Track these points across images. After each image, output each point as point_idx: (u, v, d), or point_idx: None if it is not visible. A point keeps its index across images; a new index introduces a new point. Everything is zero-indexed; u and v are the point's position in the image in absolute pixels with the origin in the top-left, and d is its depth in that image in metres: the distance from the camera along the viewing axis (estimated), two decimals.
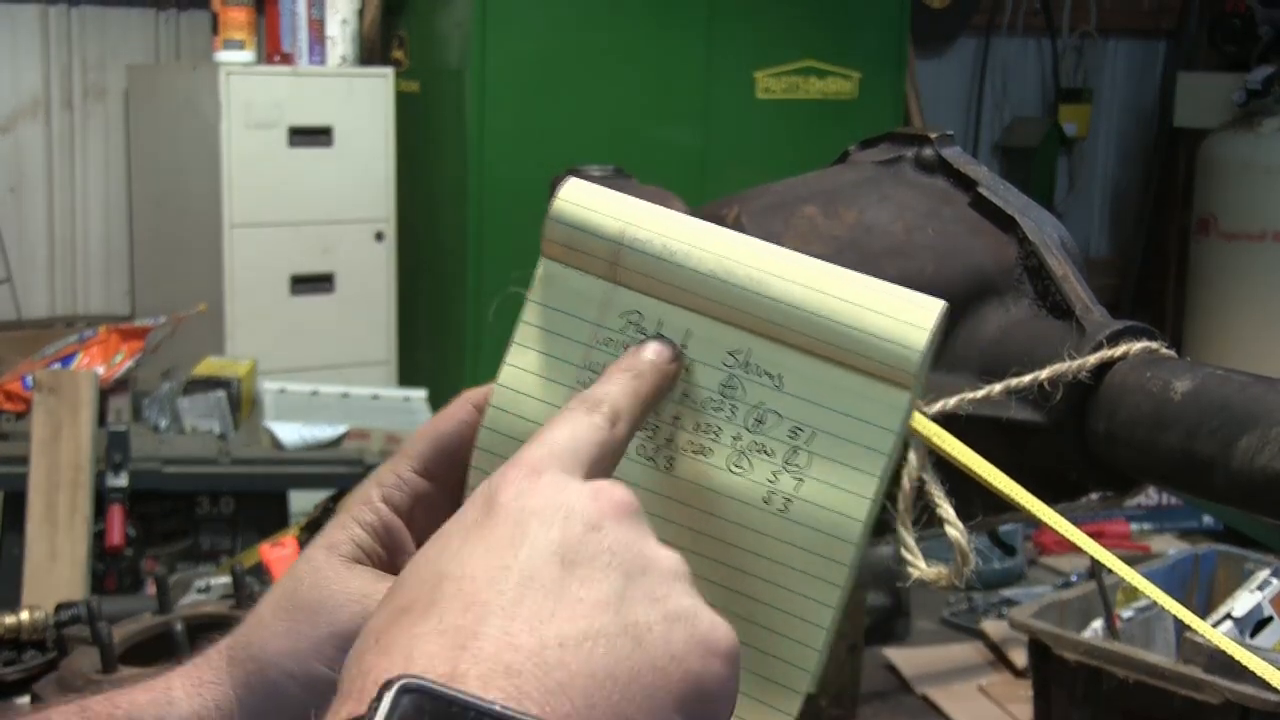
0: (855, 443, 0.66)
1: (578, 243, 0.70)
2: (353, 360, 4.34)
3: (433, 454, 0.72)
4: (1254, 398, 1.00)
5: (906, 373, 0.66)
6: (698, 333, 0.68)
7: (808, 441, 0.66)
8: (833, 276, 0.67)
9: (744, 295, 0.67)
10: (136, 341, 3.45)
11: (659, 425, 0.68)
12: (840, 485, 0.66)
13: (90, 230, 4.65)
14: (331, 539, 0.70)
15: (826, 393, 0.66)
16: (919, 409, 1.16)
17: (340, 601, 0.67)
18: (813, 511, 0.66)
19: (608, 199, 0.70)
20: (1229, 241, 5.34)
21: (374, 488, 0.72)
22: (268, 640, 0.68)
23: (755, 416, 0.67)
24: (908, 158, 1.33)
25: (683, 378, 0.68)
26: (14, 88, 4.47)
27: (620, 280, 0.69)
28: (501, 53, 4.26)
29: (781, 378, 0.67)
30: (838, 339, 0.66)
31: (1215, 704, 2.14)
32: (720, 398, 0.68)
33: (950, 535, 1.14)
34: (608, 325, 0.69)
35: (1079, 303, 1.18)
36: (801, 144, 4.68)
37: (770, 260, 0.68)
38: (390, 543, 0.71)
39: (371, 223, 4.36)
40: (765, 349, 0.67)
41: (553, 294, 0.70)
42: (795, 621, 0.67)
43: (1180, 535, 4.11)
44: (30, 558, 2.80)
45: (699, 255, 0.68)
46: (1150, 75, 6.43)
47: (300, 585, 0.69)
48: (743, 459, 0.67)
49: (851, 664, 2.80)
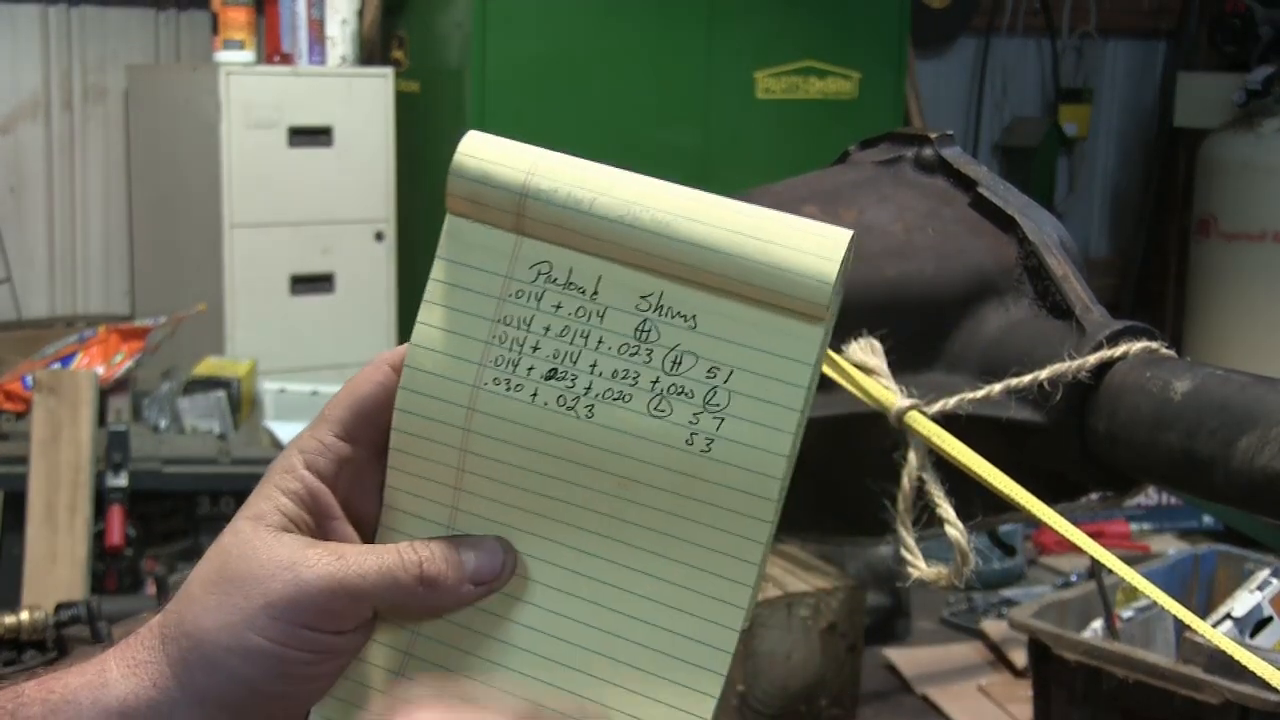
0: (772, 378, 0.66)
1: (481, 196, 0.70)
2: (353, 360, 4.33)
3: (353, 418, 0.72)
4: (1254, 398, 1.00)
5: (818, 304, 0.65)
6: (608, 279, 0.68)
7: (726, 380, 0.67)
8: (740, 214, 0.67)
9: (652, 239, 0.67)
10: (136, 341, 3.45)
11: (577, 375, 0.68)
12: (761, 421, 0.66)
13: (90, 230, 4.65)
14: (257, 509, 0.70)
15: (740, 330, 0.66)
16: (919, 409, 1.16)
17: (270, 571, 0.67)
18: (735, 450, 0.66)
19: (509, 150, 0.71)
20: (1229, 241, 5.34)
21: (296, 455, 0.71)
22: (199, 615, 0.67)
23: (672, 359, 0.67)
24: (908, 158, 1.33)
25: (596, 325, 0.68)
26: (14, 88, 4.47)
27: (527, 231, 0.69)
28: (501, 53, 4.26)
29: (695, 318, 0.67)
30: (747, 276, 0.66)
31: (1215, 704, 2.14)
32: (636, 342, 0.68)
33: (950, 535, 1.14)
34: (518, 277, 0.69)
35: (1079, 303, 1.18)
36: (801, 144, 4.68)
37: (676, 201, 0.67)
38: (316, 509, 0.70)
39: (371, 223, 4.36)
40: (677, 291, 0.67)
41: (460, 249, 0.70)
42: (727, 560, 0.67)
43: (1180, 535, 4.11)
44: (30, 558, 2.80)
45: (604, 202, 0.68)
46: (1150, 75, 6.43)
47: (229, 558, 0.68)
48: (662, 402, 0.67)
49: (851, 664, 2.79)
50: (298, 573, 0.66)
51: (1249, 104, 5.37)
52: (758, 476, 0.66)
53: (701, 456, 0.67)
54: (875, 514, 1.22)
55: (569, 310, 0.68)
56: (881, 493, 1.20)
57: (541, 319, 0.69)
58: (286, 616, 0.66)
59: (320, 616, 0.66)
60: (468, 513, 0.70)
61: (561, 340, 0.68)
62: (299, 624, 0.66)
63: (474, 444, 0.70)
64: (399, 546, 0.69)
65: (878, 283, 1.24)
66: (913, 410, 1.15)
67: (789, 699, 2.73)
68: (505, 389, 0.69)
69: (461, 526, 0.71)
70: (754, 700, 2.70)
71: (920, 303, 1.23)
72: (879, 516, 1.21)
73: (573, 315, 0.68)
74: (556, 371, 0.68)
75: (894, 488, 1.18)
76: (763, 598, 2.70)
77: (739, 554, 0.67)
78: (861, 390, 1.18)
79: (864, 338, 1.20)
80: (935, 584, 1.18)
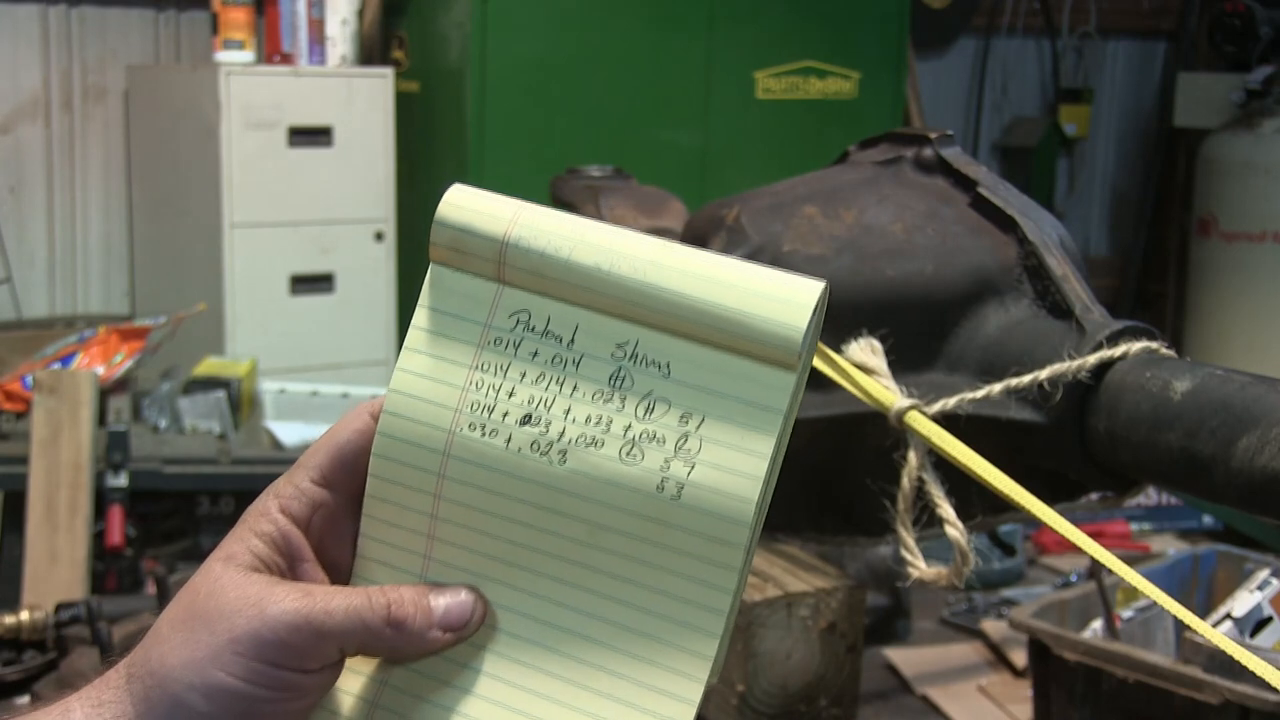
0: (744, 425, 0.67)
1: (463, 245, 0.71)
2: (353, 360, 4.34)
3: (330, 464, 0.72)
4: (1254, 398, 1.00)
5: (790, 353, 0.66)
6: (585, 327, 0.69)
7: (698, 427, 0.67)
8: (714, 264, 0.68)
9: (627, 288, 0.68)
10: (136, 341, 3.45)
11: (551, 420, 0.69)
12: (731, 468, 0.67)
13: (90, 230, 4.65)
14: (229, 551, 0.70)
15: (713, 377, 0.67)
16: (919, 409, 1.16)
17: (237, 608, 0.66)
18: (706, 496, 0.67)
19: (490, 201, 0.71)
20: (1229, 241, 5.34)
21: (271, 499, 0.71)
22: (166, 653, 0.67)
23: (645, 405, 0.68)
24: (907, 158, 1.33)
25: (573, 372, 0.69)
26: (14, 88, 4.47)
27: (507, 280, 0.70)
28: (501, 53, 4.26)
29: (669, 365, 0.68)
30: (721, 324, 0.67)
31: (1215, 704, 2.14)
32: (610, 389, 0.68)
33: (950, 535, 1.14)
34: (497, 325, 0.70)
35: (1079, 303, 1.18)
36: (801, 144, 4.68)
37: (652, 252, 0.68)
38: (289, 552, 0.70)
39: (371, 223, 4.36)
40: (652, 339, 0.68)
41: (441, 297, 0.71)
42: (694, 609, 0.67)
43: (1180, 535, 4.11)
44: (30, 558, 2.80)
45: (582, 251, 0.69)
46: (1150, 75, 6.43)
47: (197, 597, 0.68)
48: (634, 448, 0.68)
49: (851, 664, 2.79)
50: (264, 608, 0.66)
51: (1249, 104, 5.37)
52: (727, 523, 0.66)
53: (672, 503, 0.67)
54: (875, 514, 1.22)
55: (546, 357, 0.69)
56: (881, 493, 1.20)
57: (519, 366, 0.70)
58: (252, 653, 0.66)
59: (286, 653, 0.66)
60: (440, 561, 0.71)
61: (537, 387, 0.69)
62: (264, 660, 0.66)
63: (449, 490, 0.70)
64: (369, 589, 0.69)
65: (878, 283, 1.24)
66: (913, 410, 1.15)
67: (789, 699, 2.73)
68: (481, 434, 0.70)
69: (434, 575, 0.71)
70: (753, 700, 2.70)
71: (920, 303, 1.23)
72: (879, 516, 1.21)
73: (549, 362, 0.69)
74: (531, 417, 0.69)
75: (894, 488, 1.18)
76: (763, 598, 2.70)
77: (707, 602, 0.67)
78: (861, 390, 1.18)
79: (864, 338, 1.20)
80: (935, 584, 1.18)
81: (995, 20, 6.00)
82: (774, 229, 1.29)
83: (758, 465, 0.66)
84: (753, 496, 0.66)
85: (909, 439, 1.17)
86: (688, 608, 0.67)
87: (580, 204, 1.86)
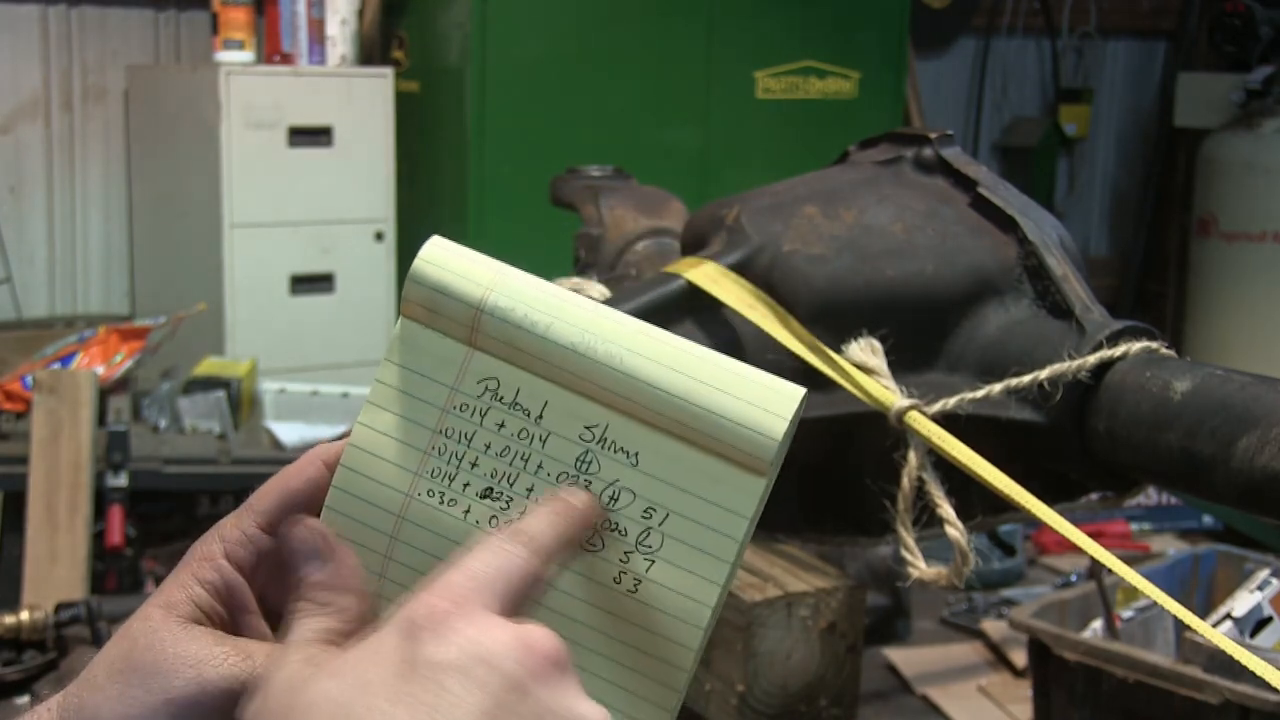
0: (708, 527, 0.65)
1: (438, 305, 0.69)
2: (353, 360, 4.34)
3: (279, 510, 0.70)
4: (1254, 398, 1.00)
5: (762, 460, 0.65)
6: (555, 404, 0.67)
7: (661, 522, 0.66)
8: (695, 358, 0.66)
9: (603, 371, 0.66)
10: (136, 341, 3.45)
11: (513, 497, 0.67)
12: (691, 569, 0.65)
13: (90, 230, 4.65)
14: (170, 598, 0.68)
15: (682, 474, 0.66)
16: (919, 409, 1.16)
17: (175, 667, 0.65)
18: (662, 594, 0.66)
19: (470, 262, 0.69)
20: (1229, 241, 5.34)
21: (217, 543, 0.70)
22: (100, 704, 0.66)
23: (610, 494, 0.66)
24: (907, 158, 1.33)
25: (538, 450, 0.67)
26: (14, 88, 4.47)
27: (479, 346, 0.68)
28: (501, 53, 4.26)
29: (638, 455, 0.66)
30: (695, 421, 0.65)
31: (1215, 704, 2.14)
32: (575, 472, 0.67)
33: (950, 535, 1.14)
34: (464, 390, 0.68)
35: (1079, 303, 1.18)
36: (801, 144, 4.68)
37: (632, 337, 0.67)
38: (232, 602, 0.69)
39: (371, 223, 4.36)
40: (623, 426, 0.67)
41: (410, 355, 0.69)
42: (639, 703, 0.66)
43: (1180, 535, 4.11)
44: (30, 558, 2.80)
45: (560, 328, 0.67)
46: (1150, 75, 6.43)
47: (135, 646, 0.66)
48: (595, 536, 0.66)
49: (851, 664, 2.79)
50: (201, 671, 0.65)
51: (1249, 104, 5.37)
52: (681, 624, 0.65)
53: (627, 596, 0.66)
54: (875, 514, 1.22)
55: (512, 430, 0.68)
56: (881, 493, 1.20)
57: (483, 436, 0.68)
58: (187, 715, 0.65)
59: (221, 717, 0.65)
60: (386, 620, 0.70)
61: (501, 460, 0.68)
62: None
63: (399, 552, 0.69)
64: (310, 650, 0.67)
65: (878, 283, 1.24)
66: (913, 410, 1.15)
67: (789, 699, 2.73)
68: (439, 502, 0.68)
69: None
70: (754, 700, 2.70)
71: (920, 303, 1.23)
72: (879, 516, 1.21)
73: (515, 436, 0.68)
74: (492, 491, 0.68)
75: (894, 488, 1.18)
76: (763, 598, 2.70)
77: (654, 699, 0.66)
78: (861, 390, 1.18)
79: (864, 338, 1.20)
80: (935, 584, 1.18)
81: (995, 20, 6.00)
82: (774, 229, 1.29)
83: (718, 570, 0.65)
84: (710, 601, 0.65)
85: (909, 439, 1.17)
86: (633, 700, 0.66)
87: (580, 204, 1.85)
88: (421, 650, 0.56)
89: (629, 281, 1.55)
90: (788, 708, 2.73)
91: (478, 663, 0.55)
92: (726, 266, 1.28)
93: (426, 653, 0.56)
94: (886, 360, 1.20)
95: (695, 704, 2.79)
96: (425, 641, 0.56)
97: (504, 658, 0.56)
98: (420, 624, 0.57)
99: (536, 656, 0.57)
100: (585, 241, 1.78)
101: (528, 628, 0.58)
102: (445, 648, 0.56)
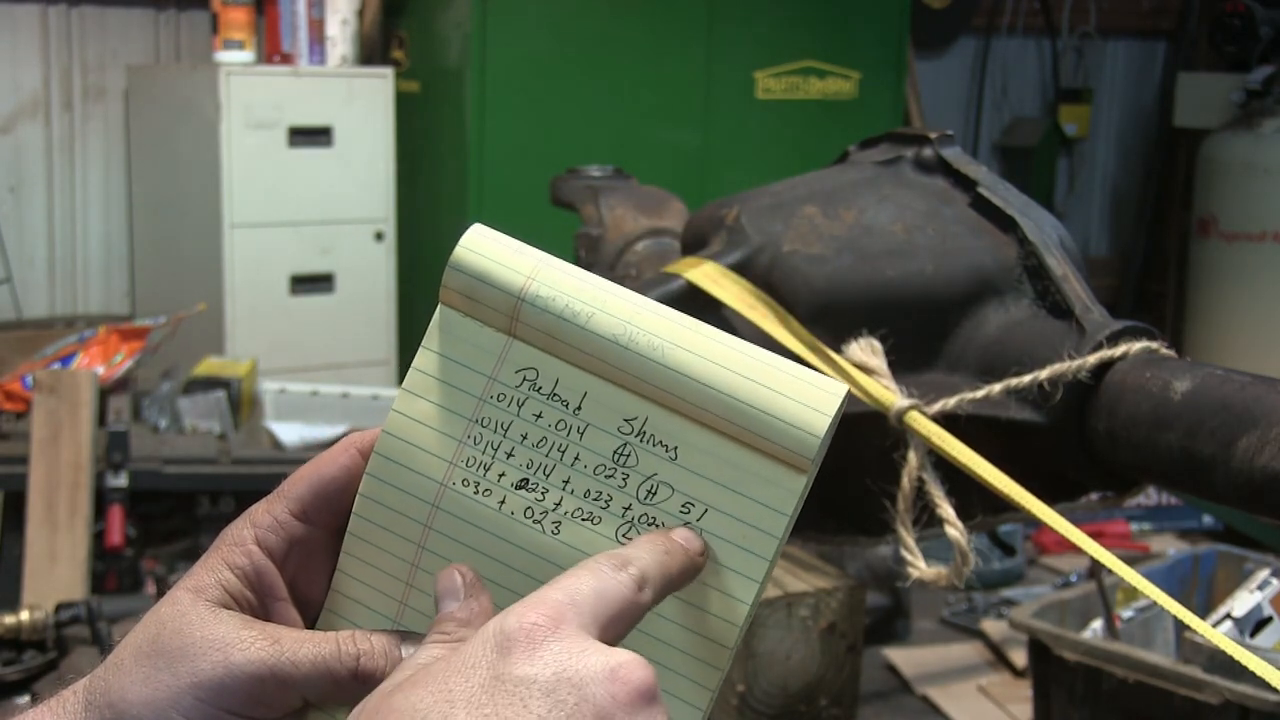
0: (747, 523, 0.65)
1: (478, 294, 0.68)
2: (353, 360, 4.34)
3: (312, 498, 0.70)
4: (1254, 398, 1.00)
5: (804, 457, 0.64)
6: (593, 396, 0.67)
7: (699, 518, 0.65)
8: (736, 353, 0.65)
9: (644, 364, 0.65)
10: (136, 341, 3.45)
11: (549, 488, 0.67)
12: (729, 566, 0.65)
13: (90, 230, 4.65)
14: (199, 582, 0.68)
15: (722, 469, 0.65)
16: (919, 409, 1.16)
17: (202, 650, 0.65)
18: (699, 591, 0.65)
19: (510, 250, 0.69)
20: (1229, 241, 5.34)
21: (248, 528, 0.69)
22: (126, 687, 0.66)
23: (648, 488, 0.66)
24: (907, 158, 1.33)
25: (576, 441, 0.67)
26: (14, 88, 4.47)
27: (519, 335, 0.68)
28: (501, 53, 4.26)
29: (677, 450, 0.66)
30: (737, 416, 0.65)
31: (1215, 704, 2.14)
32: (613, 465, 0.66)
33: (950, 535, 1.14)
34: (502, 380, 0.68)
35: (1079, 303, 1.18)
36: (801, 144, 4.68)
37: (675, 330, 0.66)
38: (261, 588, 0.69)
39: (371, 223, 4.36)
40: (662, 419, 0.66)
41: (449, 343, 0.69)
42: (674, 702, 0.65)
43: (1180, 535, 4.11)
44: (30, 558, 2.80)
45: (601, 319, 0.66)
46: (1150, 75, 6.43)
47: (163, 630, 0.66)
48: (632, 530, 0.66)
49: (851, 664, 2.79)
50: (229, 654, 0.64)
51: (1249, 104, 5.37)
52: (718, 621, 0.65)
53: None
54: (875, 514, 1.22)
55: (549, 422, 0.67)
56: (881, 493, 1.20)
57: (520, 426, 0.67)
58: (213, 699, 0.64)
59: (247, 702, 0.64)
60: (416, 610, 0.69)
61: (538, 451, 0.67)
62: (225, 708, 0.64)
63: (433, 542, 0.68)
64: (339, 636, 0.66)
65: (878, 283, 1.24)
66: (913, 410, 1.15)
67: (789, 699, 2.73)
68: (474, 491, 0.67)
69: (408, 622, 0.69)
70: (754, 700, 2.70)
71: (920, 303, 1.23)
72: (879, 516, 1.21)
73: (552, 428, 0.67)
74: (528, 482, 0.67)
75: (894, 488, 1.18)
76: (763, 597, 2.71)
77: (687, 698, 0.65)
78: (861, 390, 1.18)
79: (864, 338, 1.21)
80: (935, 584, 1.18)
81: (995, 20, 6.00)
82: (774, 229, 1.29)
83: (756, 567, 0.64)
84: (748, 598, 0.65)
85: (909, 439, 1.17)
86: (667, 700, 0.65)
87: (580, 204, 1.86)
88: (511, 665, 0.55)
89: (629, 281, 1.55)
90: (788, 708, 2.73)
91: (566, 685, 0.54)
92: (726, 266, 1.28)
93: (515, 668, 0.55)
94: (886, 360, 1.20)
95: None
96: (516, 657, 0.55)
97: (593, 684, 0.55)
98: (513, 638, 0.56)
99: (628, 687, 0.55)
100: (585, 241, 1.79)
101: (623, 655, 0.56)
102: (534, 665, 0.55)
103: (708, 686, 0.65)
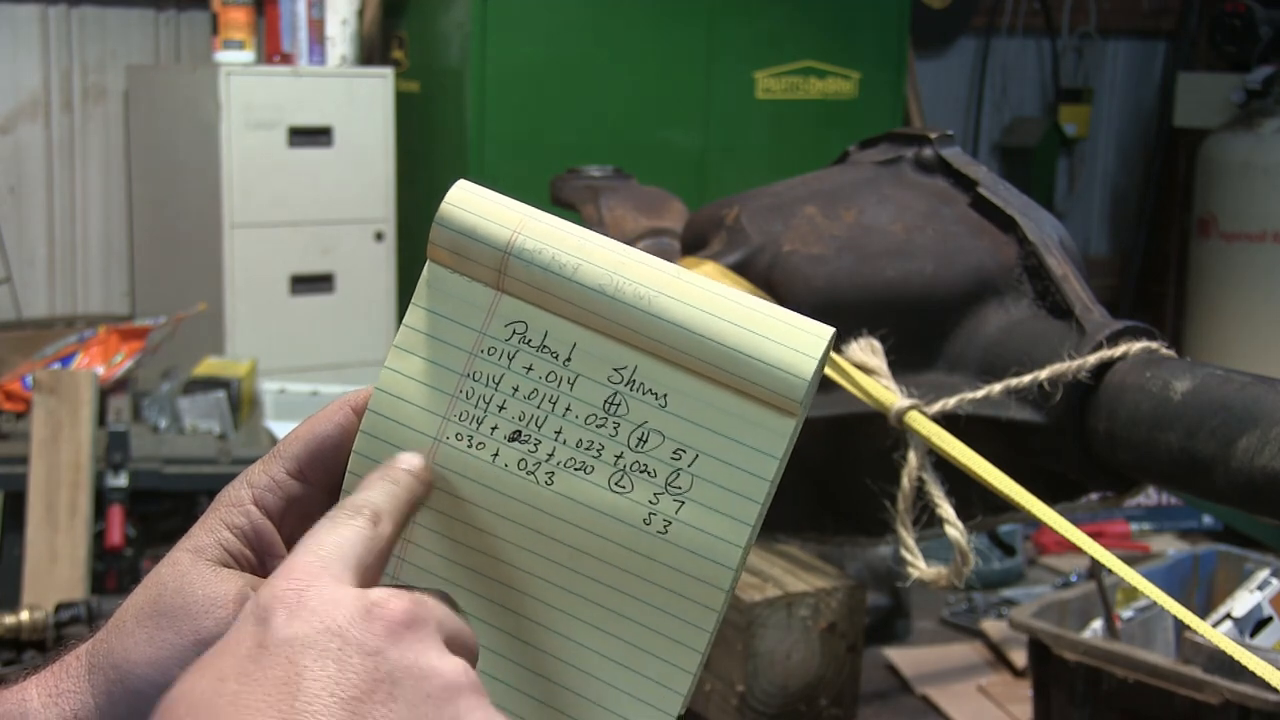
0: (738, 468, 0.65)
1: (464, 249, 0.69)
2: (353, 360, 4.34)
3: (308, 456, 0.70)
4: (1254, 398, 1.00)
5: (792, 400, 0.65)
6: (583, 347, 0.67)
7: (690, 464, 0.66)
8: (722, 299, 0.66)
9: (631, 313, 0.66)
10: (136, 341, 3.45)
11: (541, 440, 0.67)
12: (721, 510, 0.65)
13: (90, 230, 4.65)
14: (198, 542, 0.69)
15: (711, 415, 0.66)
16: (919, 409, 1.16)
17: (204, 607, 0.66)
18: (692, 535, 0.66)
19: (496, 204, 0.69)
20: (1229, 241, 5.34)
21: (245, 489, 0.70)
22: (130, 648, 0.67)
23: (639, 436, 0.66)
24: (907, 158, 1.33)
25: (566, 392, 0.67)
26: (14, 88, 4.47)
27: (507, 289, 0.68)
28: (501, 53, 4.26)
29: (667, 397, 0.66)
30: (724, 362, 0.65)
31: (1215, 704, 2.14)
32: (604, 414, 0.67)
33: (950, 535, 1.14)
34: (492, 334, 0.68)
35: (1079, 303, 1.18)
36: (801, 144, 4.68)
37: (660, 279, 0.67)
38: (259, 546, 0.69)
39: (371, 223, 4.36)
40: (651, 367, 0.67)
41: (437, 299, 0.70)
42: (670, 644, 0.66)
43: (1180, 535, 4.11)
44: (30, 558, 2.80)
45: (588, 269, 0.67)
46: (1150, 75, 6.43)
47: (164, 591, 0.67)
48: (624, 478, 0.66)
49: (851, 664, 2.79)
50: (231, 611, 0.65)
51: (1249, 104, 5.37)
52: (711, 564, 0.65)
53: (657, 538, 0.66)
54: (875, 514, 1.22)
55: (540, 374, 0.68)
56: (881, 493, 1.20)
57: (511, 379, 0.68)
58: None
59: None
60: (413, 564, 0.69)
61: (529, 403, 0.68)
62: None
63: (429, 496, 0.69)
64: None
65: (878, 283, 1.24)
66: (913, 410, 1.15)
67: (789, 699, 2.73)
68: (467, 445, 0.68)
69: (405, 577, 0.70)
70: (754, 700, 2.70)
71: (920, 303, 1.24)
72: (879, 516, 1.21)
73: (543, 379, 0.68)
74: (520, 434, 0.68)
75: (894, 488, 1.18)
76: (763, 598, 2.70)
77: (684, 639, 0.66)
78: (861, 390, 1.18)
79: (864, 338, 1.21)
80: (935, 584, 1.18)
81: (995, 20, 6.00)
82: (774, 229, 1.29)
83: (748, 510, 0.65)
84: (740, 541, 0.65)
85: (909, 439, 1.17)
86: (664, 642, 0.66)
87: (580, 204, 1.86)
88: (273, 631, 0.56)
89: None
90: (788, 708, 2.73)
91: (327, 634, 0.55)
92: (727, 266, 1.28)
93: (278, 632, 0.56)
94: (886, 360, 1.20)
95: (695, 704, 2.79)
96: (276, 622, 0.56)
97: (352, 626, 0.56)
98: (270, 607, 0.56)
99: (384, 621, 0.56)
100: None
101: (375, 592, 0.58)
102: (295, 624, 0.56)
103: (704, 628, 0.66)
